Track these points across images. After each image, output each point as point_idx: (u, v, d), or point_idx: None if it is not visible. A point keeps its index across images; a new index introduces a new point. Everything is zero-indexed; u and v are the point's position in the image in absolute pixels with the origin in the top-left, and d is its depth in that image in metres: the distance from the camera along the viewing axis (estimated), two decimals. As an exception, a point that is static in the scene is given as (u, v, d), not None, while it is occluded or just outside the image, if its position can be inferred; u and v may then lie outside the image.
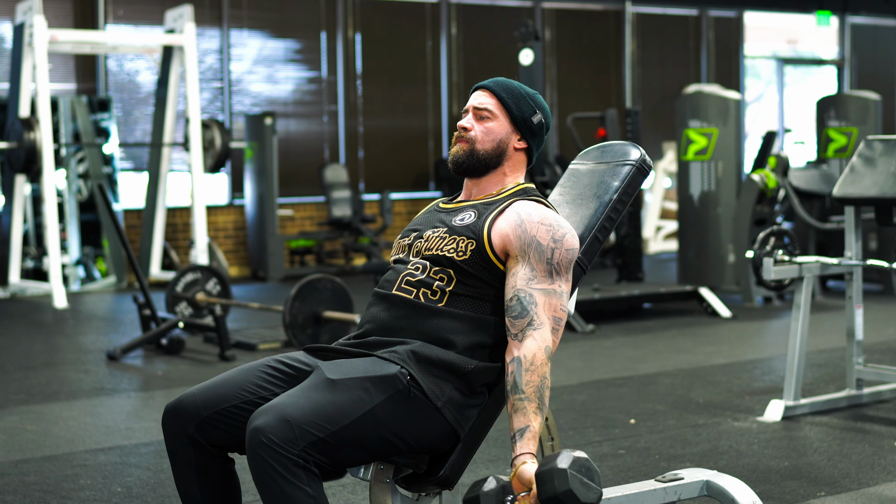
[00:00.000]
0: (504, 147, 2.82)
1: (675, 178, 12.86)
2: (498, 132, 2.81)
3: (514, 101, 2.81)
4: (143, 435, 4.86)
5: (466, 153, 2.82)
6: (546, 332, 2.61)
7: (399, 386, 2.56)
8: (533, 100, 2.84)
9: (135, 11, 11.49)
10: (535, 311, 2.62)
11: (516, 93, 2.83)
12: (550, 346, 2.62)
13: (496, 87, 2.83)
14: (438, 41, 13.15)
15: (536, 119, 2.83)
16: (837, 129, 9.71)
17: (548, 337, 2.61)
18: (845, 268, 5.07)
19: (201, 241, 10.00)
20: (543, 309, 2.63)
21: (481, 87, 2.85)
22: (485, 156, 2.81)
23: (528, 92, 2.85)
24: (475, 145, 2.81)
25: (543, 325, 2.62)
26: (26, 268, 10.35)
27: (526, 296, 2.63)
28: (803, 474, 4.10)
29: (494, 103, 2.82)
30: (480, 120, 2.82)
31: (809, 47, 16.54)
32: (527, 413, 2.54)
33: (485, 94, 2.83)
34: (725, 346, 7.06)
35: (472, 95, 2.87)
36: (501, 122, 2.82)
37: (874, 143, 5.07)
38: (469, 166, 2.82)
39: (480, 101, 2.83)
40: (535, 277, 2.65)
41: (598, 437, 4.69)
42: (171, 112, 10.46)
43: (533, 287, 2.64)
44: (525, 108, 2.82)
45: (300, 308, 6.70)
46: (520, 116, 2.82)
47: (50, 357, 6.95)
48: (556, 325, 2.64)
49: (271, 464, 2.39)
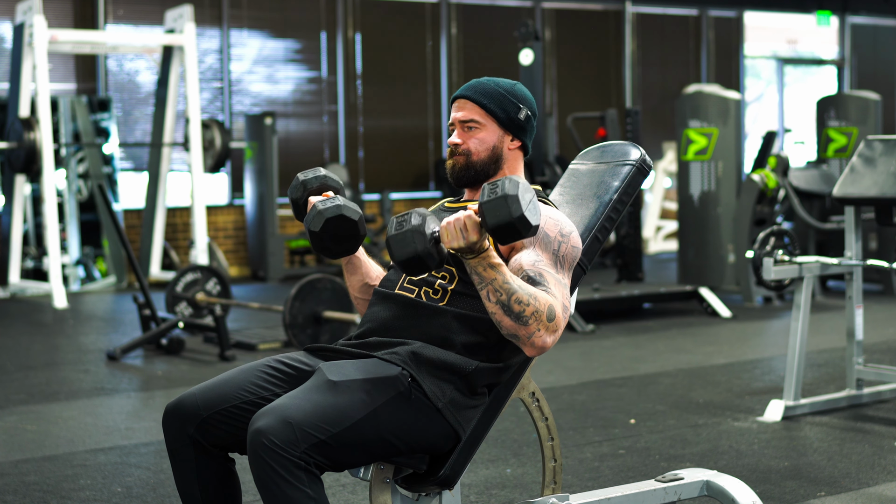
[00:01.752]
0: (499, 152, 2.81)
1: (675, 178, 12.86)
2: (489, 140, 2.79)
3: (497, 104, 2.78)
4: (143, 435, 4.86)
5: (464, 167, 2.80)
6: (557, 304, 2.54)
7: (400, 388, 2.56)
8: (513, 95, 2.80)
9: (135, 11, 11.49)
10: (547, 283, 2.56)
11: (496, 94, 2.79)
12: (557, 313, 2.51)
13: (475, 94, 2.79)
14: (438, 41, 13.15)
15: (523, 115, 2.80)
16: (837, 129, 9.71)
17: (557, 305, 2.54)
18: (845, 268, 5.07)
19: (201, 241, 10.00)
20: (554, 287, 2.58)
21: (460, 98, 2.81)
22: (482, 165, 2.80)
23: (506, 88, 2.80)
24: (471, 158, 2.79)
25: (556, 298, 2.55)
26: (26, 268, 10.35)
27: (535, 273, 2.59)
28: (803, 474, 4.10)
29: (478, 112, 2.78)
30: (469, 132, 2.79)
31: (809, 47, 16.54)
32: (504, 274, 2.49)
33: (466, 105, 2.79)
34: (725, 346, 7.06)
35: (453, 107, 2.83)
36: (490, 128, 2.79)
37: (874, 143, 5.07)
38: (470, 179, 2.81)
39: (464, 114, 2.79)
40: (541, 260, 2.62)
41: (598, 437, 4.69)
42: (171, 112, 10.46)
43: (540, 267, 2.61)
44: (509, 107, 2.79)
45: (300, 308, 6.70)
46: (506, 118, 2.79)
47: (50, 357, 6.95)
48: (563, 312, 2.58)
49: (272, 465, 2.39)
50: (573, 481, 4.02)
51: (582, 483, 3.99)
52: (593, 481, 4.00)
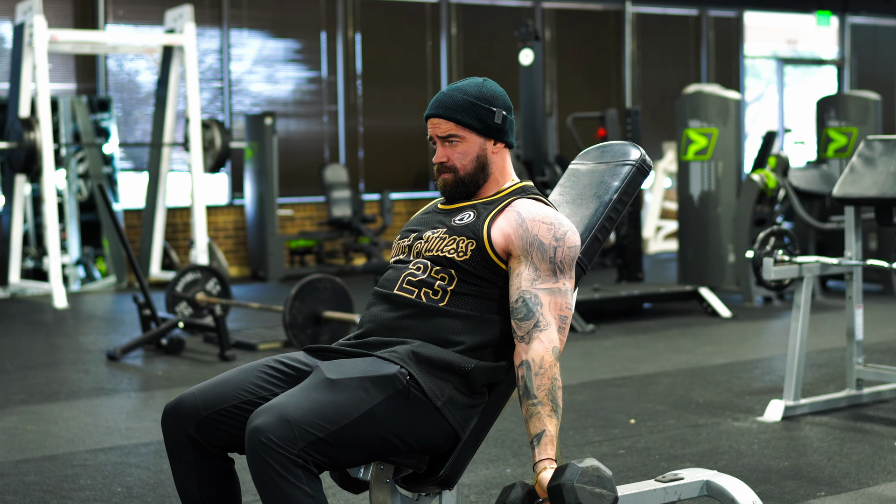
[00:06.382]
0: (484, 159, 2.80)
1: (675, 178, 12.85)
2: (472, 151, 2.78)
3: (471, 116, 2.76)
4: (143, 435, 4.86)
5: (454, 182, 2.80)
6: (552, 333, 2.62)
7: (399, 386, 2.56)
8: (483, 100, 2.77)
9: (135, 11, 11.49)
10: (540, 313, 2.62)
11: (466, 105, 2.76)
12: (558, 345, 2.62)
13: (446, 112, 2.76)
14: (438, 41, 13.15)
15: (498, 118, 2.78)
16: (837, 129, 9.71)
17: (554, 337, 2.62)
18: (845, 268, 5.07)
19: (201, 241, 10.00)
20: (549, 309, 2.63)
21: (433, 117, 2.78)
22: (471, 177, 2.79)
23: (475, 95, 2.77)
24: (458, 174, 2.79)
25: (549, 326, 2.62)
26: (26, 268, 10.35)
27: (531, 297, 2.63)
28: (803, 474, 4.10)
29: (454, 127, 2.77)
30: (451, 146, 2.78)
31: (809, 47, 16.54)
32: (541, 417, 2.54)
33: (441, 123, 2.77)
34: (725, 346, 7.05)
35: (428, 125, 2.81)
36: (470, 139, 2.77)
37: (874, 143, 5.07)
38: (462, 192, 2.81)
39: (442, 130, 2.77)
40: (539, 277, 2.65)
41: (598, 437, 4.69)
42: (171, 112, 10.46)
43: (537, 287, 2.64)
44: (483, 114, 2.76)
45: (300, 308, 6.70)
46: (483, 127, 2.77)
47: (50, 357, 6.95)
48: (562, 323, 2.65)
49: (271, 464, 2.39)
50: (573, 481, 4.01)
51: (582, 483, 3.99)
52: (593, 481, 4.00)
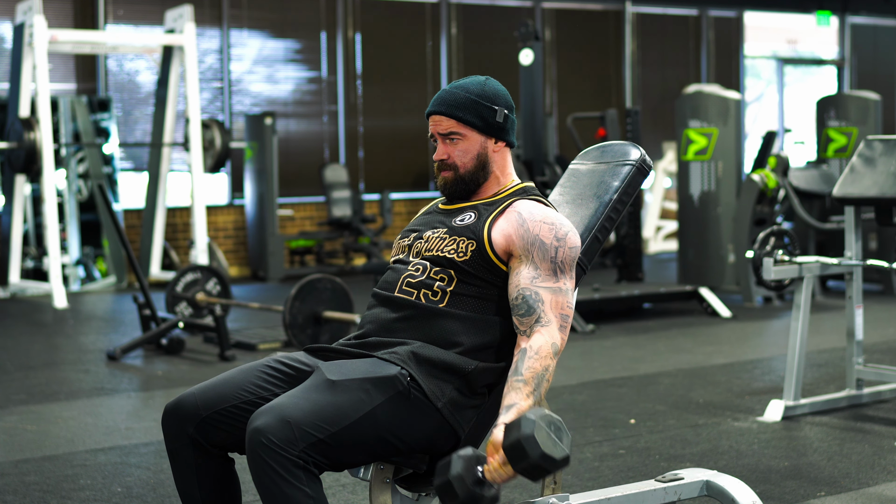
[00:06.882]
0: (485, 158, 2.80)
1: (675, 178, 12.85)
2: (473, 149, 2.78)
3: (473, 114, 2.76)
4: (143, 435, 4.86)
5: (454, 180, 2.80)
6: (553, 330, 2.62)
7: (399, 387, 2.56)
8: (485, 98, 2.77)
9: (135, 11, 11.49)
10: (541, 309, 2.62)
11: (468, 103, 2.76)
12: (558, 342, 2.62)
13: (448, 108, 2.76)
14: (438, 41, 13.15)
15: (500, 117, 2.78)
16: (837, 129, 9.71)
17: (555, 334, 2.62)
18: (845, 268, 5.07)
19: (201, 241, 10.00)
20: (550, 307, 2.63)
21: (435, 114, 2.79)
22: (471, 175, 2.79)
23: (477, 93, 2.77)
24: (459, 172, 2.79)
25: (551, 323, 2.62)
26: (26, 268, 10.35)
27: (531, 294, 2.63)
28: (803, 474, 4.10)
29: (455, 124, 2.77)
30: (452, 144, 2.78)
31: (809, 47, 16.54)
32: (519, 392, 2.53)
33: (443, 120, 2.77)
34: (725, 346, 7.05)
35: (430, 122, 2.81)
36: (471, 137, 2.77)
37: (874, 143, 5.07)
38: (462, 190, 2.81)
39: (444, 127, 2.77)
40: (539, 276, 2.65)
41: (598, 437, 4.69)
42: (171, 112, 10.46)
43: (538, 285, 2.64)
44: (484, 112, 2.76)
45: (300, 308, 6.70)
46: (484, 125, 2.77)
47: (50, 357, 6.95)
48: (563, 322, 2.65)
49: (271, 464, 2.39)
50: (573, 481, 4.02)
51: (582, 483, 3.99)
52: (593, 481, 4.00)
